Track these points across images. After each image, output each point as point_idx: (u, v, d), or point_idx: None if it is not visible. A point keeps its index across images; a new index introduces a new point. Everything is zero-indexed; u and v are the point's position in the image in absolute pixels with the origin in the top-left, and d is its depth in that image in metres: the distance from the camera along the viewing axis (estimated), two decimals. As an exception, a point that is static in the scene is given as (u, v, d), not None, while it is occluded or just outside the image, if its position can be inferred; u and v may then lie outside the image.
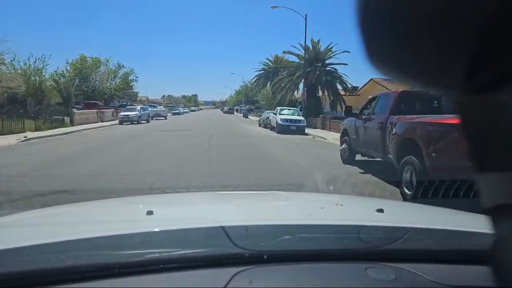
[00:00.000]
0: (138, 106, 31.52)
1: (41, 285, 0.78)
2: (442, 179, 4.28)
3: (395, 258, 0.91)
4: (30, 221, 1.48)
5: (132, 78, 44.09)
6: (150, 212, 1.29)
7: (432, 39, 0.33)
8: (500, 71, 0.33)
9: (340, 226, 1.15)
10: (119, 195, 3.04)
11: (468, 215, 1.49)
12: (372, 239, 1.01)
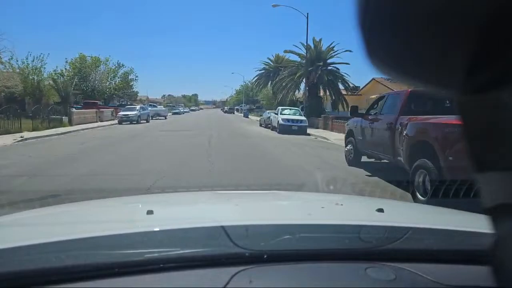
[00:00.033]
0: (138, 106, 31.34)
1: (40, 284, 0.78)
2: (457, 182, 3.97)
3: (395, 258, 0.91)
4: (29, 220, 1.48)
5: (132, 78, 44.09)
6: (150, 212, 1.28)
7: (432, 39, 0.33)
8: (500, 71, 0.33)
9: (340, 226, 1.15)
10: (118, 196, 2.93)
11: (468, 215, 1.49)
12: (372, 239, 1.01)
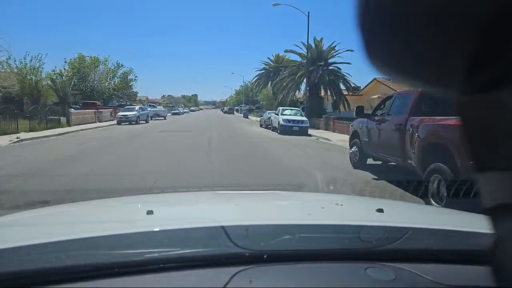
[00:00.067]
0: (137, 106, 31.03)
1: (40, 284, 0.78)
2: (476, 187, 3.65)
3: (395, 258, 0.91)
4: (29, 220, 1.47)
5: (131, 78, 43.75)
6: (150, 212, 1.28)
7: (432, 39, 0.33)
8: (500, 71, 0.33)
9: (340, 226, 1.15)
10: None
11: (468, 215, 1.50)
12: (372, 239, 1.01)
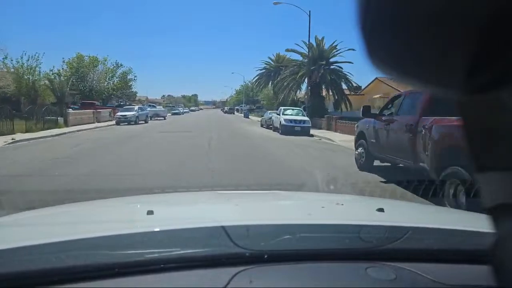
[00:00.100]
0: (136, 106, 30.68)
1: (41, 285, 0.78)
2: None
3: (395, 257, 0.91)
4: (30, 220, 1.47)
5: (131, 78, 43.39)
6: (150, 212, 1.27)
7: (432, 39, 0.33)
8: (500, 72, 0.33)
9: (341, 226, 1.15)
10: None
11: (468, 214, 1.49)
12: (372, 239, 1.00)
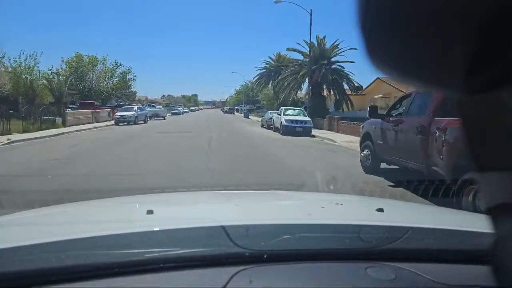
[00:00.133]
0: (135, 106, 30.42)
1: (40, 284, 0.78)
2: None
3: (395, 257, 0.91)
4: (29, 220, 1.47)
5: (130, 77, 43.15)
6: (150, 212, 1.27)
7: (432, 39, 0.33)
8: (500, 71, 0.33)
9: (340, 226, 1.15)
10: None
11: (468, 214, 1.53)
12: (372, 239, 1.00)
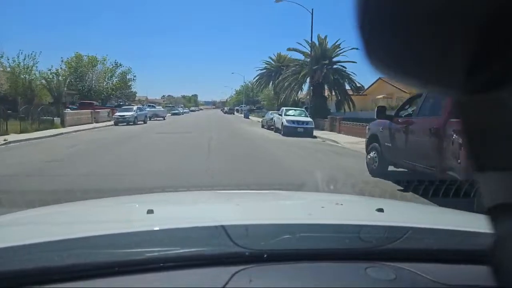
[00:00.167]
0: (135, 106, 30.25)
1: (41, 283, 0.78)
2: None
3: (395, 257, 0.91)
4: (30, 219, 1.47)
5: (130, 77, 42.91)
6: (150, 211, 1.27)
7: (432, 39, 0.33)
8: (500, 71, 0.33)
9: (340, 226, 1.15)
10: None
11: (468, 214, 1.50)
12: (372, 239, 1.00)
